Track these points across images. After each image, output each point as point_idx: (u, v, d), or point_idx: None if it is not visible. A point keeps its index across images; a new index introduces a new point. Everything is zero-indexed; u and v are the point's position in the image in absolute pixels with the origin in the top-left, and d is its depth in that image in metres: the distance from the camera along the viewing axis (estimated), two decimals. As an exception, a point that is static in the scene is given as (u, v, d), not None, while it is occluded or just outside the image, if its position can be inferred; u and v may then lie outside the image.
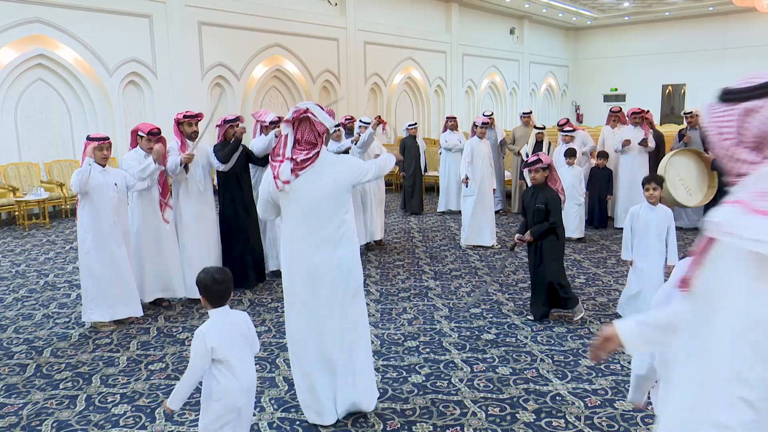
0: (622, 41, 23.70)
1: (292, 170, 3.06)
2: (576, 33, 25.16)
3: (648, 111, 8.34)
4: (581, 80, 25.28)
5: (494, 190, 7.72)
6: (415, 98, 17.88)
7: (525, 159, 9.09)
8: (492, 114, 9.88)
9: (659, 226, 4.49)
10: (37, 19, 9.49)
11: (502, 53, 20.91)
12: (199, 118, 5.50)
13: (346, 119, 8.09)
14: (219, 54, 12.14)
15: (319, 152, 3.12)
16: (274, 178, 3.11)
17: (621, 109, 9.02)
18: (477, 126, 7.64)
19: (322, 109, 3.18)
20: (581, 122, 24.27)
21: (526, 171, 4.84)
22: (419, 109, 17.96)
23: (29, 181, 9.51)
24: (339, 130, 7.09)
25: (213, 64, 12.06)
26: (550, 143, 8.96)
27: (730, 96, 1.50)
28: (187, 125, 5.41)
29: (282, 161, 3.10)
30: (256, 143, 5.87)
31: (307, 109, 3.10)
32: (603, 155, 8.13)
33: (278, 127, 5.81)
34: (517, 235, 4.77)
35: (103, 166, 4.74)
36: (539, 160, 4.71)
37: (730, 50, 21.26)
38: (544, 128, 9.02)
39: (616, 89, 24.29)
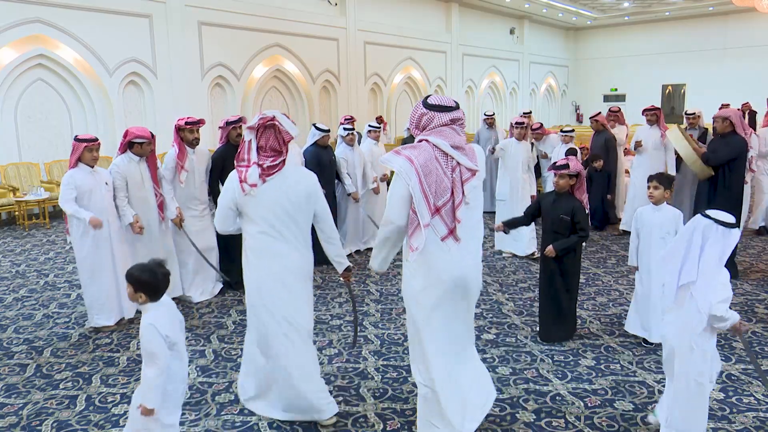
0: (622, 41, 23.71)
1: (260, 175, 3.10)
2: (576, 33, 25.16)
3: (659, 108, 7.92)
4: (581, 80, 25.29)
5: (533, 196, 6.88)
6: (415, 98, 17.86)
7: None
8: (493, 114, 9.86)
9: (663, 227, 4.11)
10: (37, 19, 9.49)
11: (502, 53, 20.92)
12: (201, 125, 5.35)
13: (345, 119, 8.03)
14: (219, 54, 12.14)
15: (284, 160, 3.18)
16: (241, 182, 3.11)
17: (620, 109, 8.96)
18: (514, 126, 7.01)
19: (288, 118, 3.23)
20: (581, 122, 24.29)
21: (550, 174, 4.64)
22: (419, 109, 17.94)
23: (29, 181, 9.51)
24: (353, 133, 7.02)
25: (213, 64, 12.06)
26: (532, 144, 8.80)
27: (426, 104, 2.88)
28: (189, 132, 5.25)
29: (248, 166, 3.12)
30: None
31: (274, 117, 3.16)
32: (597, 157, 8.05)
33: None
34: (548, 248, 4.23)
35: (92, 167, 4.68)
36: (567, 165, 4.25)
37: (730, 50, 21.27)
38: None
39: (616, 89, 24.30)
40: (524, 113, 9.83)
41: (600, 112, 8.56)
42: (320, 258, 3.56)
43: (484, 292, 5.66)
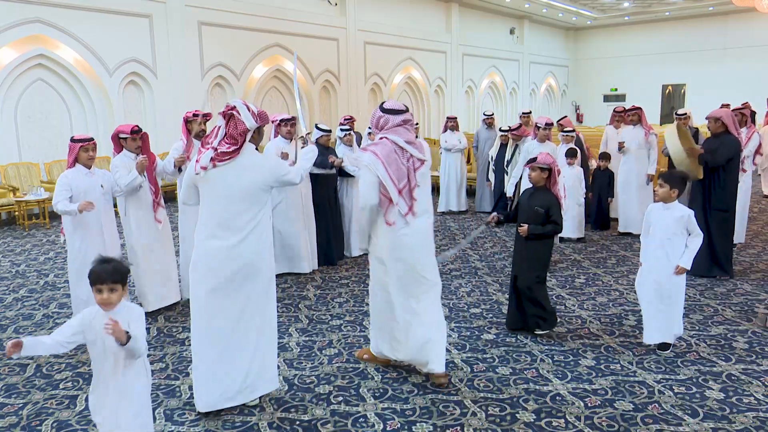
0: (622, 41, 23.72)
1: (211, 159, 3.21)
2: (576, 33, 25.17)
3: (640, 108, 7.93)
4: (581, 80, 25.29)
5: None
6: (415, 98, 17.88)
7: (489, 161, 9.01)
8: (492, 114, 9.86)
9: (669, 228, 4.00)
10: (37, 19, 9.49)
11: (502, 53, 20.92)
12: (208, 118, 5.42)
13: (345, 119, 8.03)
14: (219, 54, 12.14)
15: (239, 149, 3.23)
16: (196, 162, 3.29)
17: (624, 108, 8.95)
18: (540, 128, 6.54)
19: (248, 109, 3.28)
20: (581, 122, 24.29)
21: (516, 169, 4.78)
22: (419, 109, 17.96)
23: (29, 181, 9.51)
24: (350, 134, 7.00)
25: (213, 64, 12.06)
26: (516, 146, 8.79)
27: (383, 109, 3.68)
28: (195, 123, 5.34)
29: (207, 149, 3.27)
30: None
31: (234, 106, 3.26)
32: (605, 156, 8.08)
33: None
34: (523, 227, 4.36)
35: (89, 167, 4.66)
36: (535, 158, 4.46)
37: (729, 50, 21.28)
38: (509, 130, 8.66)
39: (616, 89, 24.30)
40: (524, 113, 9.83)
41: (566, 116, 8.92)
42: (323, 258, 3.58)
43: (485, 292, 5.67)
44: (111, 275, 2.42)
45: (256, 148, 3.44)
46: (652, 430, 3.19)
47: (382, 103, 3.72)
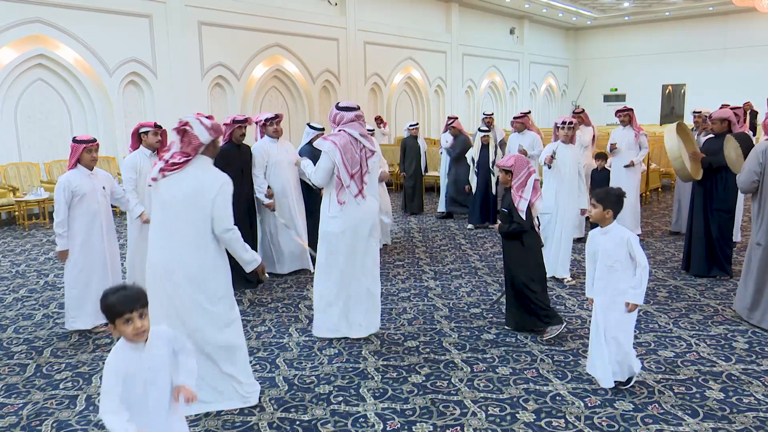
0: (622, 41, 23.71)
1: (161, 170, 3.26)
2: (576, 33, 25.16)
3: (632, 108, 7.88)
4: (581, 80, 25.28)
5: (583, 211, 5.97)
6: (415, 98, 17.88)
7: (471, 164, 8.94)
8: (492, 114, 9.85)
9: (611, 255, 3.43)
10: (37, 19, 9.49)
11: (502, 53, 20.92)
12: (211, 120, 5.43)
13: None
14: (219, 54, 12.14)
15: (188, 161, 3.23)
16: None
17: (632, 108, 8.82)
18: (559, 127, 5.88)
19: (201, 124, 3.24)
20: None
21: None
22: (419, 109, 17.96)
23: (29, 181, 9.51)
24: None
25: (213, 64, 12.05)
26: (496, 146, 8.64)
27: (338, 107, 4.34)
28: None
29: (160, 161, 3.34)
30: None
31: (187, 122, 3.26)
32: (601, 156, 8.07)
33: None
34: (494, 226, 4.61)
35: (91, 169, 4.67)
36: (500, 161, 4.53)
37: (729, 50, 21.27)
38: (488, 131, 8.66)
39: (616, 89, 24.29)
40: (523, 113, 9.80)
41: (456, 118, 9.53)
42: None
43: (485, 292, 5.68)
44: (138, 299, 2.16)
45: (215, 164, 3.38)
46: (652, 430, 3.19)
47: (338, 102, 4.47)
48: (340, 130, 4.27)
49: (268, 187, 5.99)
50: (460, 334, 4.60)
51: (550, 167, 5.80)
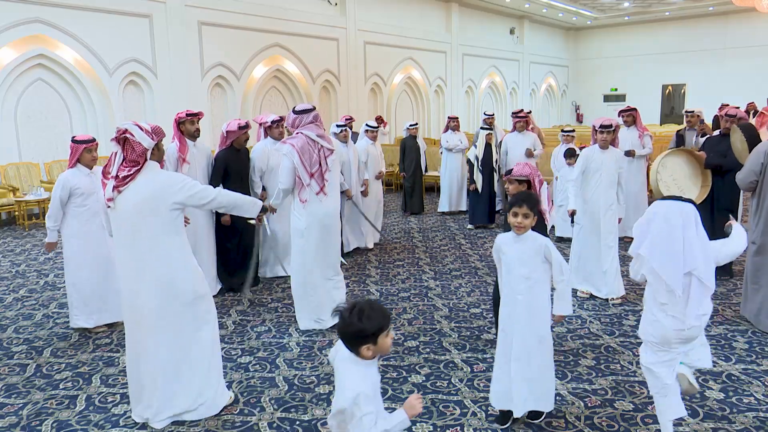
0: (622, 41, 23.71)
1: (114, 187, 3.15)
2: (576, 33, 25.16)
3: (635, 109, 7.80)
4: (581, 80, 25.29)
5: (620, 219, 5.36)
6: (415, 98, 17.88)
7: (473, 163, 8.83)
8: (493, 114, 9.84)
9: (523, 263, 3.08)
10: (37, 19, 9.49)
11: (502, 53, 20.92)
12: (200, 117, 5.44)
13: (345, 119, 8.05)
14: (219, 54, 12.13)
15: (140, 169, 3.16)
16: (105, 197, 3.23)
17: (635, 108, 8.71)
18: (597, 130, 5.26)
19: (141, 129, 3.18)
20: (581, 122, 24.29)
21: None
22: (419, 109, 17.96)
23: (29, 181, 9.51)
24: (346, 130, 7.02)
25: (213, 64, 12.05)
26: (498, 146, 8.63)
27: (295, 111, 4.57)
28: (190, 123, 5.35)
29: (110, 179, 3.19)
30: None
31: (126, 129, 3.16)
32: None
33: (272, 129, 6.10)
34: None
35: (91, 168, 4.66)
36: (510, 171, 3.88)
37: (729, 50, 21.27)
38: (491, 129, 8.62)
39: (616, 89, 24.29)
40: (525, 113, 9.78)
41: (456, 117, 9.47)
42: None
43: (485, 292, 5.68)
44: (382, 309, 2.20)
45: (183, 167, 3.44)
46: (652, 430, 3.19)
47: (294, 107, 4.65)
48: (297, 133, 4.51)
49: (263, 189, 5.98)
50: (460, 334, 4.60)
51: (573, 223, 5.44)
